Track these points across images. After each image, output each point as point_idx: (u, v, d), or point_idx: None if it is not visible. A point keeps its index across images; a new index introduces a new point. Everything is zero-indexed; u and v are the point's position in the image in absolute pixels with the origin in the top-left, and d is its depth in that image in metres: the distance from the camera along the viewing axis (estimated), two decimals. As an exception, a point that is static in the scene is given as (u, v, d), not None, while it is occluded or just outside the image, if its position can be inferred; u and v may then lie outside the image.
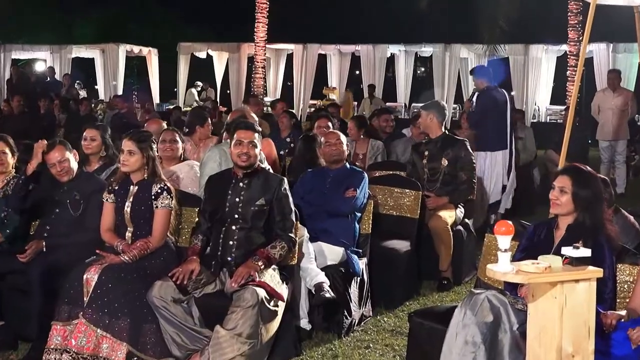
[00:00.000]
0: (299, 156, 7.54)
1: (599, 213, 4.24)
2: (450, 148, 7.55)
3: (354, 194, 6.24)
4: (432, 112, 7.66)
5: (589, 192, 4.27)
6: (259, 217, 5.26)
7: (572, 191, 4.29)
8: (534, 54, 22.87)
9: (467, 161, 7.53)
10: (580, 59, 7.08)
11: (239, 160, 5.27)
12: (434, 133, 7.68)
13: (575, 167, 4.41)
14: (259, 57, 22.14)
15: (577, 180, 4.31)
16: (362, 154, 9.18)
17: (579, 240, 3.78)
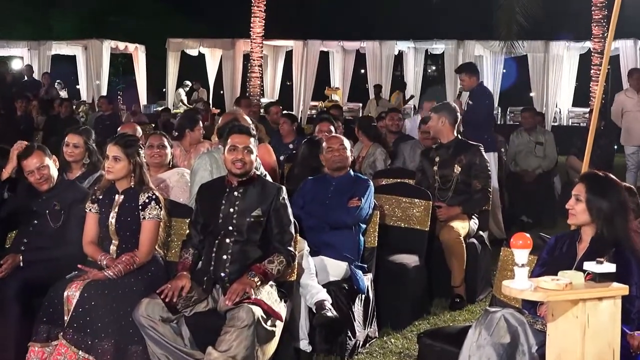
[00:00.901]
0: (302, 162, 7.54)
1: (621, 224, 4.24)
2: (463, 154, 7.59)
3: (358, 203, 6.26)
4: (444, 115, 7.70)
5: (606, 200, 4.27)
6: (255, 229, 5.28)
7: (586, 199, 4.30)
8: (554, 52, 22.87)
9: (482, 168, 7.56)
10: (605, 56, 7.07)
11: (233, 167, 5.29)
12: (446, 137, 7.73)
13: (591, 174, 4.43)
14: (256, 55, 22.18)
15: (592, 188, 4.32)
16: (361, 157, 9.24)
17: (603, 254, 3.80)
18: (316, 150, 7.25)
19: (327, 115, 9.91)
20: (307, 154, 7.48)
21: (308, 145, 7.57)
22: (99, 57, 25.20)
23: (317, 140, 7.45)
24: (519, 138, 11.99)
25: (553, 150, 11.97)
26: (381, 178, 8.31)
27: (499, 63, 23.91)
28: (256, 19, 21.81)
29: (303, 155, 7.60)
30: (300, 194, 6.58)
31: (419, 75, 25.90)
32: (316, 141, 7.47)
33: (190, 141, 7.83)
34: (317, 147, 7.26)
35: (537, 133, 11.99)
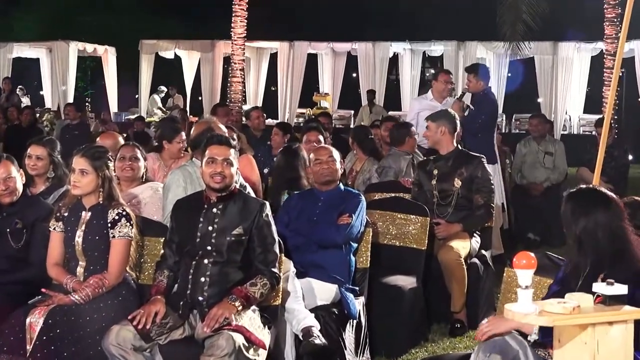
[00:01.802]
0: (277, 173, 7.56)
1: (602, 243, 4.26)
2: (464, 166, 7.62)
3: (348, 220, 6.28)
4: (443, 124, 7.73)
5: (587, 219, 4.31)
6: (235, 249, 5.29)
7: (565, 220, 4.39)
8: (564, 54, 23.01)
9: (484, 182, 7.60)
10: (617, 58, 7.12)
11: (212, 181, 5.30)
12: (445, 148, 7.76)
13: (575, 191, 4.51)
14: (237, 58, 22.19)
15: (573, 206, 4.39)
16: (355, 171, 9.26)
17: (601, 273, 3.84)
18: (293, 160, 7.29)
19: (316, 124, 9.90)
20: (283, 164, 7.50)
21: (284, 154, 7.58)
22: (65, 60, 25.19)
23: (295, 149, 7.50)
24: (527, 147, 12.02)
25: (563, 161, 11.99)
26: (374, 192, 8.32)
27: (504, 66, 23.97)
28: (237, 19, 21.82)
29: (279, 165, 7.61)
30: (286, 210, 6.60)
31: (415, 79, 26.01)
32: (293, 150, 7.51)
33: (168, 154, 7.82)
34: (295, 157, 7.30)
35: (547, 142, 12.03)
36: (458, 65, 23.15)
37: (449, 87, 10.17)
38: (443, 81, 10.14)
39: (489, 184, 7.63)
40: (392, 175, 8.91)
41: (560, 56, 23.02)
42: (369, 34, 26.58)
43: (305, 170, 7.20)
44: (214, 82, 25.62)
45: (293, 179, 7.22)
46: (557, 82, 22.99)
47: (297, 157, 7.34)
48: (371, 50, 24.76)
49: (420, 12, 26.75)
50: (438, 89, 10.14)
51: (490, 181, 7.66)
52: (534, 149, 11.93)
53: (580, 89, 23.78)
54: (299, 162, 7.30)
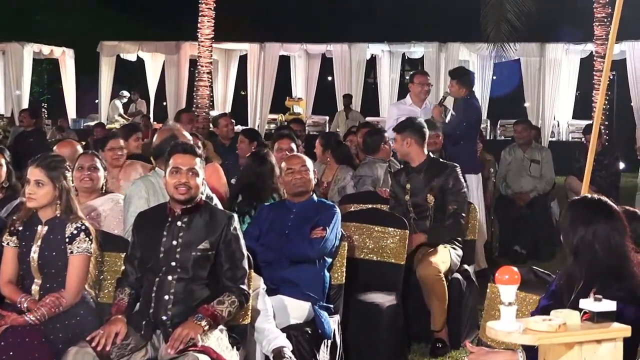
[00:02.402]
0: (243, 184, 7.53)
1: (596, 257, 4.30)
2: (435, 179, 7.64)
3: (322, 234, 6.29)
4: (408, 135, 7.74)
5: (586, 229, 4.34)
6: (202, 265, 5.28)
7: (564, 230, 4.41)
8: (551, 55, 23.19)
9: (456, 190, 7.62)
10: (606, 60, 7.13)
11: (176, 192, 5.30)
12: (416, 159, 7.78)
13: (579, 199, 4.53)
14: (204, 60, 22.16)
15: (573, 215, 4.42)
16: (326, 182, 9.26)
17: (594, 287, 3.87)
18: (259, 166, 7.28)
19: (288, 131, 9.91)
20: (247, 171, 7.50)
21: (251, 159, 7.58)
22: (19, 64, 25.10)
23: (263, 155, 7.48)
24: (512, 155, 12.07)
25: (550, 169, 12.04)
26: (349, 204, 8.32)
27: (488, 69, 24.15)
28: (204, 19, 21.80)
29: (246, 173, 7.60)
30: (256, 223, 6.61)
31: (395, 83, 26.09)
32: (261, 156, 7.50)
33: None
34: (261, 163, 7.29)
35: (533, 149, 12.09)
36: (439, 67, 23.29)
37: (425, 89, 10.15)
38: (419, 83, 10.14)
39: (461, 193, 7.66)
40: (369, 184, 8.92)
41: (547, 58, 23.19)
42: (345, 34, 26.65)
43: (274, 179, 7.20)
44: (180, 86, 25.57)
45: (253, 186, 7.22)
46: (545, 85, 23.14)
47: (263, 164, 7.33)
48: (347, 52, 24.82)
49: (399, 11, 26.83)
50: (415, 92, 10.15)
51: (462, 189, 7.68)
52: (520, 157, 11.98)
53: (569, 93, 23.92)
54: (264, 170, 7.29)
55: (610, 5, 19.32)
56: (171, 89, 25.77)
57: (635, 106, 21.73)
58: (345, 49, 24.86)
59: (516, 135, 12.39)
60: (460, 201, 7.64)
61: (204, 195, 5.61)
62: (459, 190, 7.64)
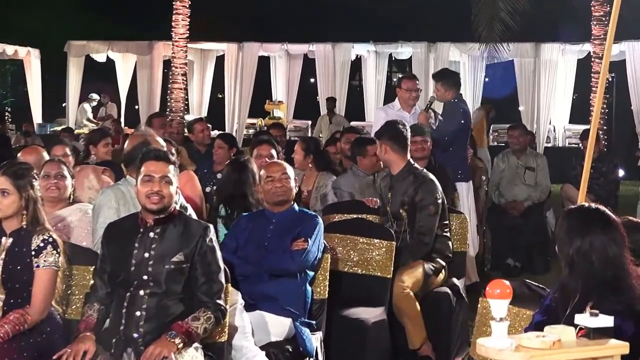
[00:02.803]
0: (218, 189, 7.54)
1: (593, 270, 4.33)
2: (408, 190, 7.58)
3: (304, 245, 6.30)
4: (384, 142, 7.69)
5: (582, 239, 4.36)
6: (175, 279, 5.28)
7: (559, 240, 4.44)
8: (547, 56, 23.25)
9: (423, 207, 7.49)
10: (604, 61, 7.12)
11: (148, 202, 5.30)
12: (394, 167, 7.73)
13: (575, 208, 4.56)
14: (178, 61, 22.10)
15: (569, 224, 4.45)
16: (307, 191, 9.26)
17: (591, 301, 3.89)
18: (240, 174, 7.29)
19: (268, 136, 9.92)
20: (226, 178, 7.52)
21: (230, 167, 7.60)
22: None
23: (243, 162, 7.50)
24: (505, 162, 12.12)
25: (546, 177, 12.07)
26: (333, 214, 8.31)
27: (479, 70, 24.22)
28: (179, 17, 21.72)
29: (225, 181, 7.61)
30: (233, 234, 6.62)
31: (381, 85, 26.19)
32: (241, 163, 7.52)
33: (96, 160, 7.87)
34: (242, 171, 7.30)
35: (527, 156, 12.13)
36: (428, 69, 23.23)
37: (413, 95, 10.13)
38: (406, 89, 10.12)
39: (427, 210, 7.50)
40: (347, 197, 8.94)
41: (543, 59, 23.24)
42: (329, 34, 26.63)
43: (254, 188, 7.21)
44: (152, 88, 25.48)
45: (236, 196, 7.23)
46: (540, 88, 23.19)
47: (244, 172, 7.35)
48: (331, 52, 24.80)
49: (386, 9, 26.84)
50: (402, 98, 10.13)
51: (429, 206, 7.50)
52: (514, 164, 12.02)
53: (566, 96, 23.96)
54: (246, 178, 7.30)
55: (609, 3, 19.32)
56: (143, 92, 25.67)
57: (635, 110, 21.74)
58: (329, 49, 24.83)
59: (510, 140, 12.43)
60: (424, 219, 7.50)
61: (177, 204, 5.61)
62: (426, 206, 7.50)
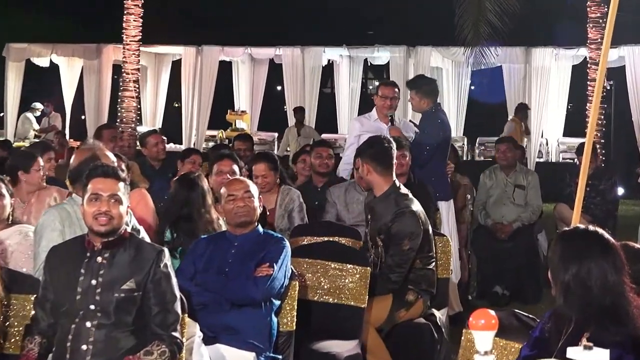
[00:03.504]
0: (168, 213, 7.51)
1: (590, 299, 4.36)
2: (384, 217, 7.52)
3: (269, 271, 6.31)
4: (364, 160, 7.62)
5: (579, 265, 4.40)
6: (126, 309, 5.28)
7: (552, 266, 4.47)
8: (538, 62, 23.31)
9: (396, 242, 7.42)
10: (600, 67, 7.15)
11: (95, 223, 5.29)
12: (377, 189, 7.65)
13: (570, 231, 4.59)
14: (130, 66, 22.13)
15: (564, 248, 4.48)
16: (269, 210, 9.22)
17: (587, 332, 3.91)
18: (189, 192, 7.28)
19: (229, 151, 9.92)
20: (173, 197, 7.52)
21: (178, 184, 7.59)
22: None
23: (193, 179, 7.49)
24: (492, 179, 12.09)
25: (537, 195, 12.04)
26: (302, 236, 8.31)
27: (464, 77, 24.32)
28: (131, 17, 21.75)
29: (169, 200, 7.62)
30: (190, 259, 6.61)
31: (355, 93, 26.29)
32: (191, 180, 7.51)
33: (27, 187, 7.81)
34: (191, 188, 7.29)
35: (517, 173, 12.08)
36: (408, 75, 23.07)
37: (388, 102, 10.06)
38: (382, 96, 10.10)
39: (400, 245, 7.41)
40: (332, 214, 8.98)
41: (534, 65, 23.30)
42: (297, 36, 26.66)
43: (203, 210, 7.21)
44: (101, 97, 25.37)
45: (183, 218, 7.23)
46: (531, 97, 23.18)
47: (193, 190, 7.34)
48: (299, 57, 24.81)
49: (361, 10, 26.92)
50: (379, 107, 10.12)
51: (402, 242, 7.41)
52: (502, 181, 12.01)
53: (560, 105, 24.03)
54: (195, 197, 7.29)
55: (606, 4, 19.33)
56: (91, 101, 25.57)
57: (635, 121, 21.75)
58: (297, 54, 24.83)
59: (498, 155, 12.32)
60: (396, 254, 7.42)
61: (129, 226, 5.62)
62: (400, 241, 7.40)
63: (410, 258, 7.45)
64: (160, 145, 11.64)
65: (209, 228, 7.10)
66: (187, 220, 7.27)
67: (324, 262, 7.39)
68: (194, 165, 10.18)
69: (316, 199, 9.76)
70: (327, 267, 7.37)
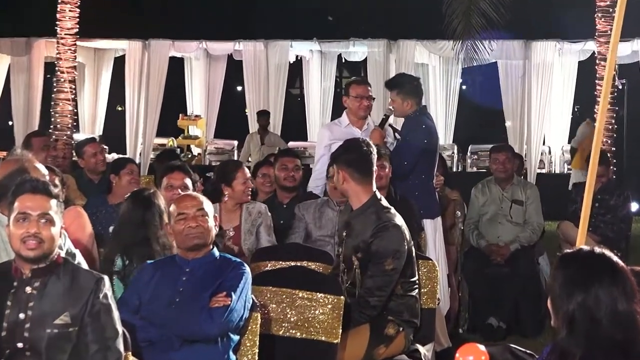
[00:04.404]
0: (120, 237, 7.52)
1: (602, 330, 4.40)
2: (363, 233, 7.46)
3: (227, 302, 6.31)
4: (340, 167, 7.57)
5: (586, 293, 4.42)
6: (60, 346, 5.27)
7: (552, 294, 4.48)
8: (540, 57, 23.37)
9: (377, 263, 7.36)
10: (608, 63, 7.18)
11: (23, 247, 5.29)
12: (354, 201, 7.60)
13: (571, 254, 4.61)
14: (66, 64, 22.05)
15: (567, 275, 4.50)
16: (232, 229, 9.20)
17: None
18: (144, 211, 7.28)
19: (181, 163, 9.91)
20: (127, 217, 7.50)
21: (131, 202, 7.57)
22: None
23: (147, 196, 7.47)
24: (486, 194, 12.05)
25: (538, 212, 12.00)
26: (264, 260, 8.29)
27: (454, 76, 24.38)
28: (66, 7, 21.69)
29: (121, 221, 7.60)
30: (134, 288, 6.61)
31: (328, 94, 26.48)
32: (145, 197, 7.49)
33: None
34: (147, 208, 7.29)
35: (515, 186, 12.01)
36: (388, 73, 23.08)
37: (364, 104, 10.07)
38: (355, 97, 10.09)
39: (381, 266, 7.35)
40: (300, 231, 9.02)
41: (534, 61, 23.36)
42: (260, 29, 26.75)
43: (161, 231, 7.21)
44: (31, 99, 25.35)
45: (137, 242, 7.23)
46: (531, 98, 23.27)
47: (149, 209, 7.34)
48: (263, 52, 24.80)
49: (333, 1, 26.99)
50: (351, 109, 10.13)
51: (384, 263, 7.35)
52: (497, 196, 11.96)
53: (564, 108, 24.16)
54: (151, 217, 7.30)
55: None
56: (19, 103, 25.53)
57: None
58: (260, 49, 24.82)
59: (495, 167, 12.14)
60: (377, 275, 7.35)
61: (62, 250, 5.62)
62: (382, 261, 7.32)
63: (394, 280, 7.38)
64: (99, 156, 11.57)
65: (167, 253, 7.08)
66: (143, 245, 7.23)
67: (290, 290, 7.36)
68: (132, 176, 10.12)
69: (281, 218, 9.72)
70: (294, 296, 7.35)
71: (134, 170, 10.29)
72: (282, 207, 10.03)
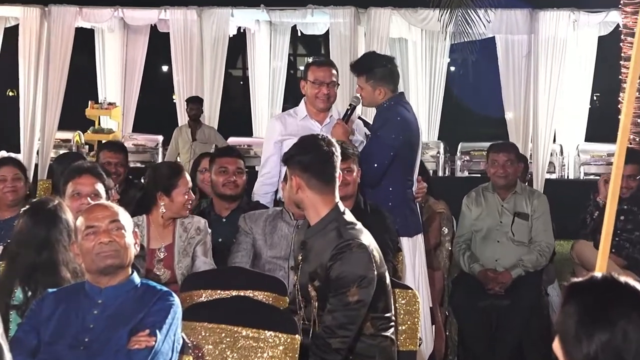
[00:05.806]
0: (18, 261, 7.52)
1: None
2: (321, 256, 7.39)
3: (150, 342, 6.35)
4: (294, 171, 7.47)
5: (610, 331, 4.47)
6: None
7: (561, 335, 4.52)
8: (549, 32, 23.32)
9: (339, 294, 7.26)
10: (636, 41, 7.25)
11: None
12: (312, 215, 7.52)
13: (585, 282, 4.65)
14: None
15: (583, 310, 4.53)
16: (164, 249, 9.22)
17: None
18: (46, 231, 7.29)
19: (90, 163, 9.91)
20: (25, 240, 7.47)
21: (29, 217, 7.53)
22: None
23: (50, 209, 7.46)
24: (481, 205, 12.09)
25: (547, 229, 12.02)
26: (198, 289, 8.31)
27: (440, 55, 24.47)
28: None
29: (17, 241, 7.57)
30: (32, 323, 6.61)
31: (279, 76, 26.66)
32: (47, 211, 7.48)
33: None
34: (50, 226, 7.30)
35: (517, 195, 12.02)
36: (356, 51, 23.10)
37: (324, 91, 10.04)
38: (313, 81, 10.08)
39: (344, 298, 7.25)
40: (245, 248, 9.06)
41: (542, 36, 23.28)
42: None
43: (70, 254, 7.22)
44: None
45: (40, 267, 7.23)
46: (538, 83, 23.16)
47: (54, 226, 7.34)
48: (195, 22, 24.70)
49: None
50: (310, 96, 10.12)
51: (347, 294, 7.23)
52: (495, 208, 12.01)
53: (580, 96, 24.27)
54: (57, 235, 7.30)
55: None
56: None
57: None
58: (193, 19, 24.68)
59: (492, 170, 12.08)
60: (338, 311, 7.25)
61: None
62: (344, 291, 7.21)
63: (360, 316, 7.29)
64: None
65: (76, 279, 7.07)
66: (48, 272, 7.20)
67: (231, 327, 7.42)
68: (4, 183, 10.09)
69: (220, 235, 9.73)
70: (236, 334, 7.41)
71: (7, 176, 10.21)
72: (221, 221, 10.02)
